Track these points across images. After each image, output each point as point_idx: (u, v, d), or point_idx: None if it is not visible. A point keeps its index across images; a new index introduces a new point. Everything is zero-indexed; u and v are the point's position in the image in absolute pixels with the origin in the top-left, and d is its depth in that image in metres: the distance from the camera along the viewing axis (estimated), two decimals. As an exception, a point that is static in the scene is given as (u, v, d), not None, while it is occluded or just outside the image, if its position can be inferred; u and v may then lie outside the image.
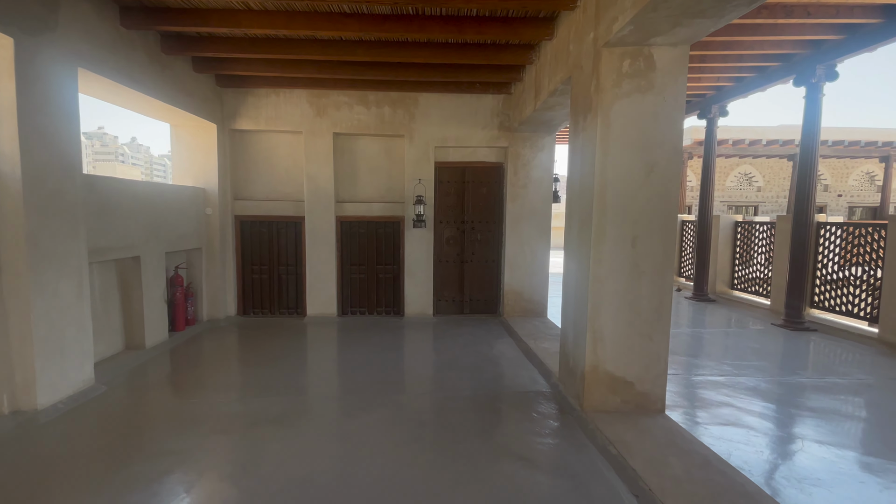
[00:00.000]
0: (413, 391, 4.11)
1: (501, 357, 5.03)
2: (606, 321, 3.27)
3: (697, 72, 7.53)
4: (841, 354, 5.46)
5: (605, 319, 3.27)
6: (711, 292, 9.14)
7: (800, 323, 6.68)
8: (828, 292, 6.88)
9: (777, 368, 4.89)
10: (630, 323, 3.26)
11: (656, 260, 3.20)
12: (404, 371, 4.63)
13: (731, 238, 9.14)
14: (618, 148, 3.14)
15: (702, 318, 7.45)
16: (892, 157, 14.08)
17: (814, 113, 6.56)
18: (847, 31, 5.82)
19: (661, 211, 3.15)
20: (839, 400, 4.02)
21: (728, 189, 17.49)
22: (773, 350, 5.66)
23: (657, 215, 3.16)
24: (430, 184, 6.64)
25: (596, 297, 3.25)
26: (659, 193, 3.15)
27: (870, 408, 3.85)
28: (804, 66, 6.56)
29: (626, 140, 3.13)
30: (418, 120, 6.51)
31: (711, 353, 5.45)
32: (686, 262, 10.54)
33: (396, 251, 6.87)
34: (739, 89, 8.01)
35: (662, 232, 3.17)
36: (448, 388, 4.13)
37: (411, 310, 6.79)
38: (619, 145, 3.14)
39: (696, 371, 4.79)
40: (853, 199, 17.01)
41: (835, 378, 4.52)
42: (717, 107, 8.71)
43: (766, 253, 8.20)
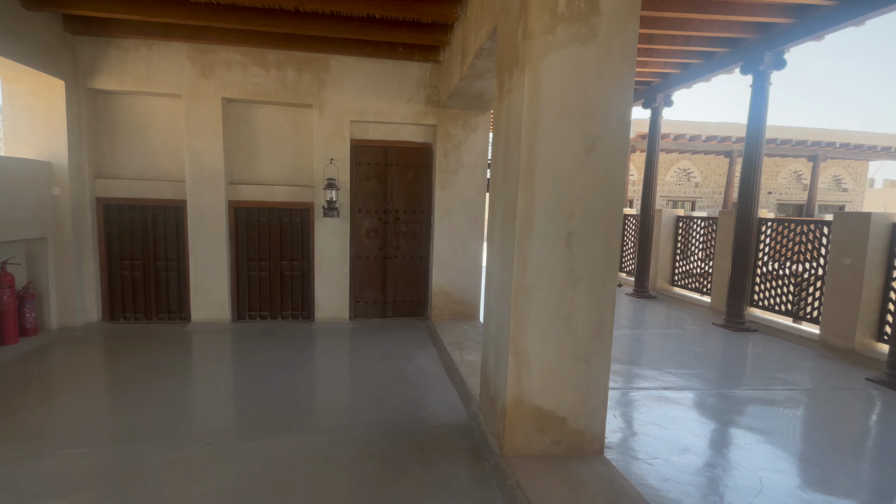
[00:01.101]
0: (292, 431, 3.17)
1: (419, 374, 4.19)
2: (533, 342, 2.50)
3: (644, 55, 7.02)
4: (785, 359, 5.11)
5: (531, 340, 2.50)
6: (652, 289, 8.82)
7: (741, 323, 6.37)
8: (768, 291, 6.62)
9: (721, 377, 4.42)
10: (563, 343, 2.51)
11: (596, 263, 2.46)
12: (293, 399, 3.68)
13: (673, 233, 8.83)
14: (550, 116, 2.35)
15: (642, 318, 7.02)
16: (819, 157, 14.57)
17: (760, 102, 6.19)
18: (798, 14, 5.42)
19: (604, 200, 2.41)
20: (789, 418, 3.56)
21: (667, 184, 17.65)
22: (715, 355, 5.24)
23: (598, 205, 2.41)
24: (346, 165, 5.66)
25: (520, 311, 2.48)
26: (601, 177, 2.40)
27: (822, 427, 3.39)
28: (752, 53, 6.16)
29: (560, 106, 2.35)
30: (330, 87, 5.49)
31: (653, 360, 4.93)
32: (627, 258, 10.24)
33: (305, 244, 5.85)
34: (686, 77, 7.59)
35: (604, 227, 2.43)
36: (337, 426, 3.22)
37: (323, 313, 5.81)
38: (551, 112, 2.35)
39: (638, 383, 4.23)
40: (782, 196, 17.67)
41: (781, 388, 4.08)
42: (662, 96, 8.30)
43: (708, 249, 7.92)
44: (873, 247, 5.04)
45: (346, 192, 5.70)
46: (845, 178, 17.86)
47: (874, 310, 5.12)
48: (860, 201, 17.90)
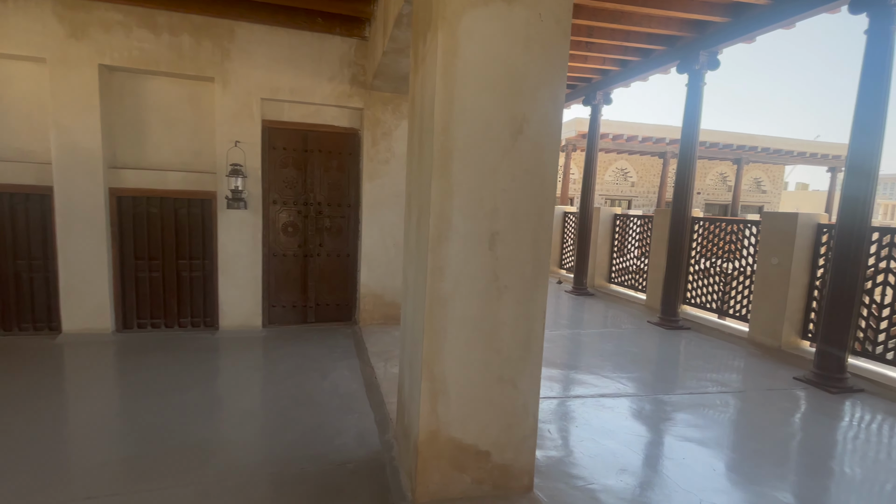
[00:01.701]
0: (148, 482, 2.54)
1: (332, 394, 3.63)
2: (451, 364, 2.06)
3: (584, 49, 6.82)
4: (717, 358, 5.06)
5: (449, 362, 2.06)
6: (591, 286, 8.76)
7: (674, 321, 6.35)
8: (701, 289, 6.65)
9: (657, 381, 4.24)
10: (486, 364, 2.09)
11: (525, 269, 2.05)
12: (164, 435, 3.01)
13: (611, 231, 8.81)
14: (470, 90, 1.91)
15: (580, 317, 6.86)
16: (743, 160, 15.36)
17: (695, 101, 6.15)
18: (733, 13, 5.37)
19: (533, 195, 2.00)
20: (724, 424, 3.39)
21: (606, 183, 18.04)
22: (651, 355, 5.11)
23: (526, 201, 2.00)
24: (256, 149, 4.96)
25: (435, 327, 2.03)
26: (530, 167, 1.99)
27: (757, 434, 3.24)
28: (688, 52, 6.10)
29: (482, 78, 1.91)
30: (236, 59, 4.77)
31: (590, 363, 4.70)
32: (567, 255, 10.18)
33: (208, 240, 5.10)
34: (625, 74, 7.50)
35: (533, 227, 2.02)
36: (213, 470, 2.63)
37: (230, 320, 5.10)
38: (471, 85, 1.91)
39: (575, 389, 3.95)
40: (709, 196, 18.60)
41: (715, 392, 3.94)
42: (601, 93, 8.19)
43: (643, 247, 7.92)
44: (800, 246, 5.09)
45: (256, 181, 5.01)
46: (765, 181, 19.10)
47: (800, 308, 5.19)
48: (777, 202, 19.22)
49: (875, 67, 3.83)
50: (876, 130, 3.91)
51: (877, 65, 3.81)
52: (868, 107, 3.90)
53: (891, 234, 4.34)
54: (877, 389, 4.13)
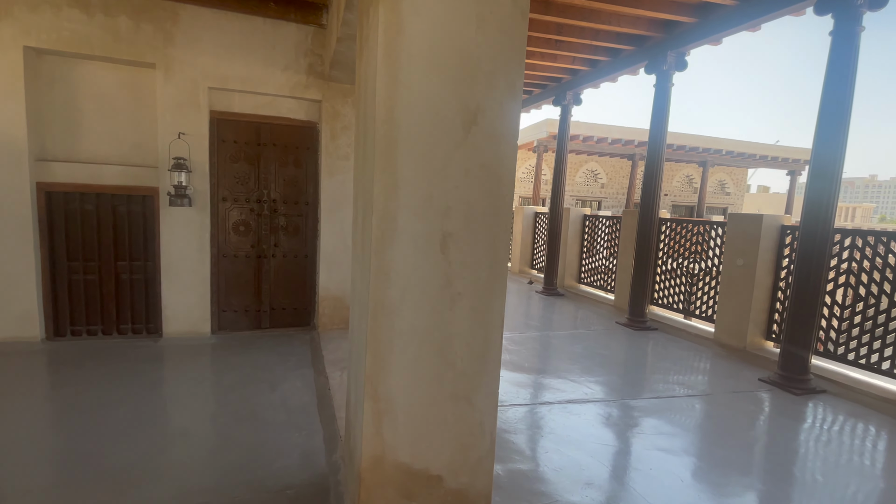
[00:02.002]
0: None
1: (280, 408, 3.35)
2: (399, 380, 1.84)
3: (554, 48, 6.72)
4: (683, 360, 5.02)
5: (396, 378, 1.84)
6: (561, 286, 8.70)
7: (642, 322, 6.32)
8: (668, 290, 6.65)
9: (625, 384, 4.14)
10: (438, 380, 1.88)
11: (480, 273, 1.85)
12: (80, 461, 2.69)
13: (580, 232, 8.77)
14: (417, 73, 1.69)
15: (550, 318, 6.76)
16: (708, 163, 15.69)
17: (663, 101, 6.12)
18: (700, 14, 5.35)
19: (489, 192, 1.80)
20: (692, 430, 3.29)
21: (577, 185, 18.17)
22: (619, 357, 5.03)
23: (482, 199, 1.79)
24: (203, 142, 4.62)
25: (380, 339, 1.80)
26: (486, 161, 1.79)
27: (725, 440, 3.14)
28: (656, 52, 6.07)
29: (430, 60, 1.70)
30: (180, 44, 4.41)
31: (559, 366, 4.57)
32: (539, 255, 10.11)
33: (150, 240, 4.72)
34: (594, 74, 7.45)
35: (490, 227, 1.82)
36: (135, 499, 2.33)
37: (175, 326, 4.73)
38: (418, 68, 1.69)
39: (543, 395, 3.82)
40: (676, 198, 18.97)
41: (682, 395, 3.85)
42: (571, 93, 8.13)
43: (612, 248, 7.90)
44: (764, 248, 5.09)
45: (203, 176, 4.67)
46: (729, 183, 19.63)
47: (764, 309, 5.20)
48: (740, 204, 19.78)
49: (840, 69, 3.81)
50: (840, 132, 3.90)
51: (841, 67, 3.80)
52: (832, 109, 3.89)
53: (852, 236, 4.36)
54: (839, 390, 4.13)
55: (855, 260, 4.35)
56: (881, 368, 4.08)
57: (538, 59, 7.10)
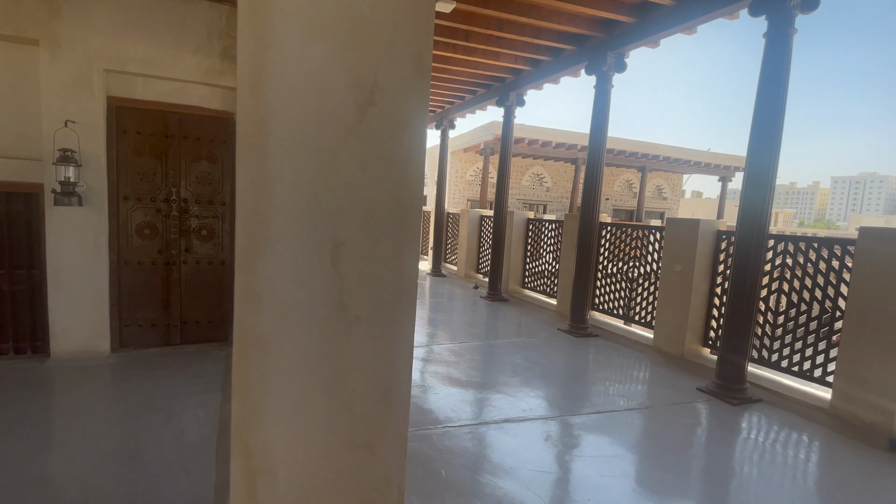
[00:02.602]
0: None
1: (170, 445, 2.81)
2: (277, 429, 1.45)
3: (496, 45, 6.53)
4: (623, 369, 4.92)
5: (274, 426, 1.45)
6: (505, 291, 8.53)
7: (583, 328, 6.22)
8: (608, 295, 6.60)
9: (565, 399, 3.94)
10: (330, 425, 1.51)
11: (384, 291, 1.50)
12: None
13: (524, 236, 8.65)
14: (292, 34, 1.32)
15: (493, 324, 6.53)
16: (647, 168, 16.22)
17: (603, 103, 6.06)
18: (639, 13, 5.30)
19: (392, 190, 1.45)
20: (632, 450, 3.10)
21: (523, 188, 18.28)
22: (560, 368, 4.85)
23: (383, 199, 1.44)
24: (99, 132, 3.99)
25: (251, 380, 1.41)
26: (388, 153, 1.44)
27: (666, 462, 2.98)
28: (596, 53, 6.01)
29: (312, 19, 1.33)
30: (68, 19, 3.77)
31: (500, 379, 4.33)
32: (484, 259, 9.92)
33: (35, 245, 4.02)
34: (536, 75, 7.34)
35: (396, 234, 1.48)
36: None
37: (66, 345, 4.04)
38: (295, 27, 1.32)
39: (478, 414, 3.53)
40: (616, 202, 19.54)
41: (622, 408, 3.69)
42: (514, 94, 8.00)
43: (554, 252, 7.81)
44: (701, 253, 5.09)
45: (99, 171, 4.03)
46: (666, 188, 20.47)
47: (701, 316, 5.20)
48: (676, 209, 20.69)
49: (774, 71, 3.80)
50: (774, 134, 3.89)
51: (775, 68, 3.79)
52: (767, 112, 3.87)
53: (785, 242, 4.40)
54: (774, 399, 4.13)
55: (787, 266, 4.39)
56: (813, 376, 4.11)
57: (480, 57, 6.88)
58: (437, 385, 4.05)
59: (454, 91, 8.96)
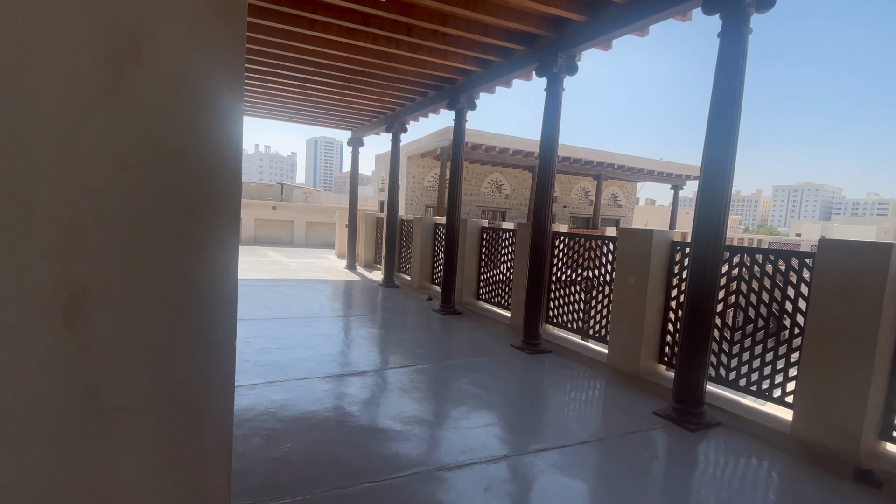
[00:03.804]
0: None
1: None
2: None
3: (442, 42, 6.08)
4: (577, 390, 4.53)
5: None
6: (459, 303, 8.05)
7: (536, 344, 5.82)
8: (562, 308, 6.24)
9: (515, 435, 3.46)
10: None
11: (173, 363, 0.95)
12: None
13: (478, 245, 8.21)
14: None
15: (446, 342, 6.04)
16: (602, 176, 16.27)
17: (554, 106, 5.71)
18: (590, 11, 4.98)
19: (182, 200, 0.91)
20: (586, 498, 2.67)
21: (482, 195, 18.00)
22: (511, 393, 4.39)
23: (165, 215, 0.90)
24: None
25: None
26: (163, 138, 0.91)
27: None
28: (547, 53, 5.66)
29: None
30: None
31: (445, 410, 3.82)
32: (438, 269, 9.43)
33: None
34: (487, 76, 6.95)
35: (189, 267, 0.94)
36: None
37: None
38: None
39: (424, 457, 2.99)
40: (574, 210, 19.59)
41: (576, 442, 3.25)
42: (465, 97, 7.58)
43: (510, 263, 7.41)
44: (655, 265, 4.78)
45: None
46: (621, 196, 20.73)
47: (656, 331, 4.88)
48: (631, 216, 21.00)
49: (729, 72, 3.51)
50: (729, 138, 3.60)
51: (731, 69, 3.50)
52: (723, 114, 3.57)
53: (741, 254, 4.13)
54: (733, 422, 3.81)
55: (744, 279, 4.12)
56: (772, 396, 3.83)
57: (426, 55, 6.42)
58: (370, 427, 3.49)
59: (403, 92, 8.46)
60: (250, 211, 17.59)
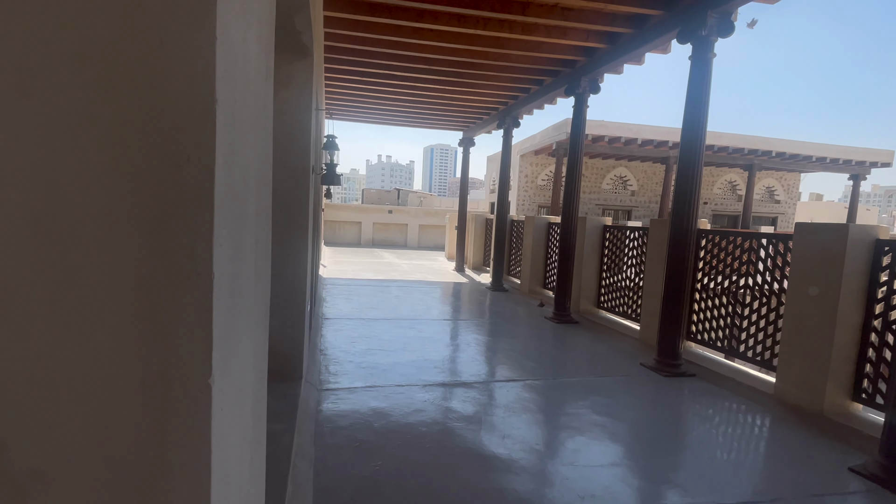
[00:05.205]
0: None
1: None
2: None
3: (560, 18, 5.42)
4: (737, 429, 3.55)
5: None
6: (575, 311, 7.25)
7: (675, 366, 4.84)
8: (709, 322, 5.14)
9: (650, 482, 2.73)
10: None
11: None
12: None
13: (599, 246, 7.32)
14: None
15: (562, 356, 5.39)
16: (755, 166, 13.86)
17: (701, 80, 4.70)
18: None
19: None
20: None
21: (603, 192, 16.59)
22: (644, 424, 3.61)
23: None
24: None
25: None
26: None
27: None
28: (693, 13, 4.76)
29: None
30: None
31: (557, 439, 3.21)
32: (552, 272, 8.68)
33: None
34: (614, 53, 6.09)
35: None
36: None
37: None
38: None
39: (551, 499, 2.47)
40: (717, 206, 17.05)
41: (744, 494, 2.43)
42: (587, 80, 6.78)
43: (638, 266, 6.43)
44: (851, 271, 3.60)
45: None
46: (778, 190, 17.54)
47: (850, 358, 3.68)
48: (792, 213, 17.65)
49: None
50: None
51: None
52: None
53: None
54: None
55: None
56: None
57: (543, 36, 5.81)
58: (470, 451, 3.05)
59: (516, 83, 7.93)
60: (369, 215, 18.56)
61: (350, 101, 9.76)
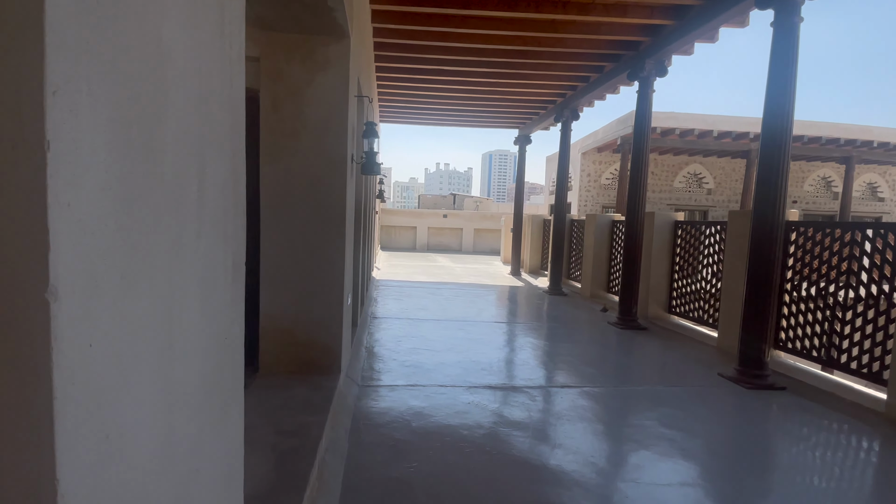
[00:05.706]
0: None
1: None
2: None
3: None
4: (833, 449, 2.96)
5: None
6: (642, 316, 6.64)
7: (760, 376, 4.21)
8: (800, 328, 4.44)
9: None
10: None
11: None
12: None
13: (670, 244, 6.68)
14: None
15: (627, 363, 4.91)
16: (853, 159, 12.26)
17: (786, 52, 4.08)
18: None
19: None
20: None
21: (675, 191, 15.46)
22: (719, 439, 3.11)
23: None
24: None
25: None
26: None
27: None
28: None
29: None
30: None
31: (618, 452, 2.82)
32: (617, 275, 8.07)
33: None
34: (683, 29, 5.54)
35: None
36: None
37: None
38: None
39: None
40: (808, 206, 15.30)
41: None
42: (651, 61, 6.23)
43: (715, 266, 5.76)
44: None
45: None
46: (882, 186, 15.43)
47: None
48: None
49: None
50: None
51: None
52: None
53: None
54: None
55: None
56: None
57: (602, 14, 5.39)
58: (515, 459, 2.74)
59: (574, 71, 7.49)
60: (424, 220, 18.58)
61: (403, 102, 9.76)
